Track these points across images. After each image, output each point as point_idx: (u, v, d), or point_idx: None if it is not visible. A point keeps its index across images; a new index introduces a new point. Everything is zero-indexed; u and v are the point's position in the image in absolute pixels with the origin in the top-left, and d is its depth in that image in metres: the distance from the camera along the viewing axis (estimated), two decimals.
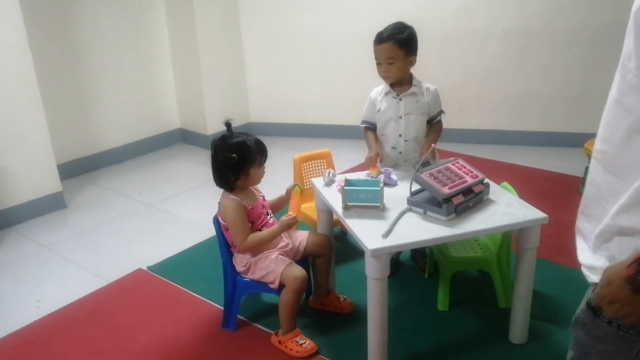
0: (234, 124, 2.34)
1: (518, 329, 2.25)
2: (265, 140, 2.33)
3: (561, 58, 4.28)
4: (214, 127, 4.65)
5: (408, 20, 2.46)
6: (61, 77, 4.07)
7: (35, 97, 3.47)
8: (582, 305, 1.04)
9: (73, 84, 4.16)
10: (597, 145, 1.02)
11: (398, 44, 2.39)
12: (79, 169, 4.26)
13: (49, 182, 3.65)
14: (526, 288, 2.17)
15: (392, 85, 2.50)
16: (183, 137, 4.99)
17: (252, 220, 2.27)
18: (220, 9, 4.60)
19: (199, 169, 4.37)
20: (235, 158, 2.19)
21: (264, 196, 2.40)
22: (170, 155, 4.76)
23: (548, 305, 2.48)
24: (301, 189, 2.43)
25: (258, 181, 2.32)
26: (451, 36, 4.36)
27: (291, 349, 2.24)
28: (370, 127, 2.59)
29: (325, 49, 4.68)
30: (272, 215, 2.38)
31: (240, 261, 2.32)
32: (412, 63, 2.46)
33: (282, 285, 2.23)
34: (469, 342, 2.31)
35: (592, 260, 1.02)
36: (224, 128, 2.31)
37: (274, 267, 2.23)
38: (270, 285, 2.25)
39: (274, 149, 2.28)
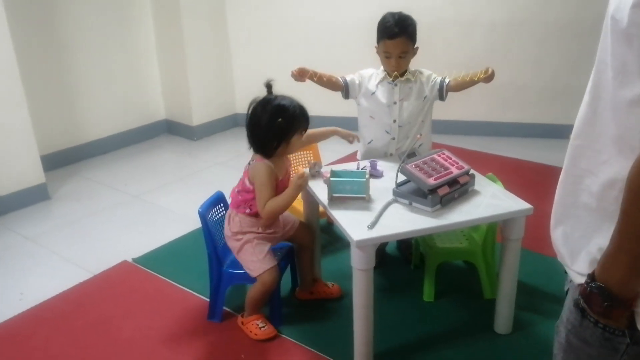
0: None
1: (503, 320, 2.27)
2: None
3: (547, 50, 4.30)
4: (200, 118, 4.60)
5: (395, 10, 2.43)
6: (45, 67, 4.01)
7: (17, 88, 3.41)
8: (570, 305, 1.01)
9: (57, 74, 4.10)
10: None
11: (410, 37, 2.38)
12: (63, 160, 4.21)
13: (32, 174, 3.60)
14: (511, 279, 2.19)
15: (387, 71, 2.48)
16: (168, 128, 4.94)
17: (277, 193, 2.23)
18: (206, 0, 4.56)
19: (184, 160, 4.35)
20: (283, 123, 2.11)
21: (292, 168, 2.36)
22: (155, 146, 4.71)
23: (532, 295, 2.50)
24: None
25: (297, 149, 2.27)
26: (436, 26, 4.34)
27: (250, 331, 2.28)
28: (342, 81, 2.52)
29: (312, 40, 4.64)
30: None
31: (234, 225, 2.26)
32: (416, 53, 2.46)
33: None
34: (454, 333, 2.32)
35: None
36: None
37: (261, 262, 2.23)
38: (249, 273, 2.25)
39: None
